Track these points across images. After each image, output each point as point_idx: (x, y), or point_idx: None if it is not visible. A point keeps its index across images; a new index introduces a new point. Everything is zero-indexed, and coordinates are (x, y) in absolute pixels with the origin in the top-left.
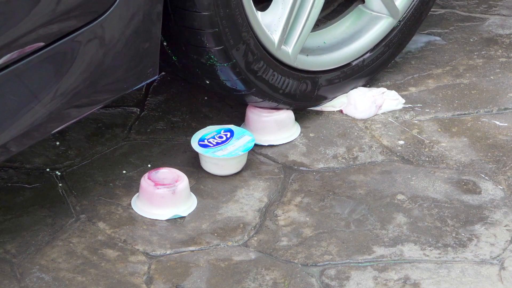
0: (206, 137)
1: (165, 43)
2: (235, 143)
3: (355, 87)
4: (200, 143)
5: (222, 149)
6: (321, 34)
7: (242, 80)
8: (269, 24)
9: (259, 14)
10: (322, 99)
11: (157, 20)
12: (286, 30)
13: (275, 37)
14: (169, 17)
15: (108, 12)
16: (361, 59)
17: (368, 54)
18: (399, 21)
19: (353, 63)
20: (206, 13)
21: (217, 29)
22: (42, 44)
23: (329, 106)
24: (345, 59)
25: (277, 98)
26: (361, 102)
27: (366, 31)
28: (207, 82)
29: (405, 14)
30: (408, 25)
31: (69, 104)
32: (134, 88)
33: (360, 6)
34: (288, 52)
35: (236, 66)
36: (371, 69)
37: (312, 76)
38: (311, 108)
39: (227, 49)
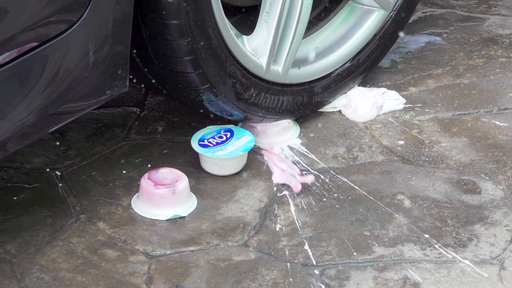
0: (206, 137)
1: (153, 81)
2: (235, 143)
3: (353, 87)
4: (200, 143)
5: (222, 149)
6: (313, 39)
7: (234, 109)
8: (256, 48)
9: (244, 39)
10: (322, 104)
11: (126, 32)
12: (273, 52)
13: (263, 61)
14: (154, 61)
15: (74, 27)
16: (356, 58)
17: (363, 51)
18: (391, 11)
19: (349, 64)
20: (188, 58)
21: (200, 71)
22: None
23: (329, 108)
24: (340, 61)
25: (274, 116)
26: (361, 106)
27: (359, 27)
28: (201, 111)
29: (397, 4)
30: (401, 14)
31: (35, 120)
32: (102, 102)
33: (350, 1)
34: (278, 71)
35: (226, 99)
36: (367, 65)
37: (307, 87)
38: None
39: (214, 86)
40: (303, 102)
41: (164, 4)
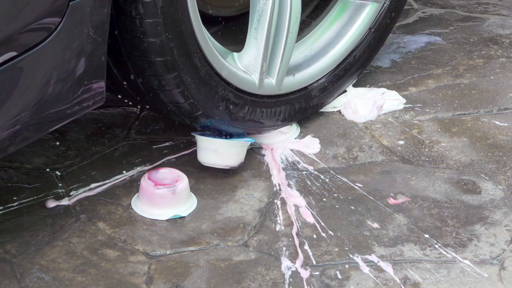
0: (206, 135)
1: (147, 107)
2: (234, 138)
3: (350, 84)
4: (200, 132)
5: (222, 138)
6: (306, 41)
7: (231, 128)
8: (247, 65)
9: (235, 56)
10: (320, 106)
11: (102, 46)
12: (265, 67)
13: (255, 77)
14: (145, 93)
15: (48, 40)
16: (352, 55)
17: (358, 47)
18: (384, 1)
19: (345, 62)
20: (178, 90)
21: (191, 100)
22: None
23: (329, 107)
24: (335, 61)
25: (273, 125)
26: (361, 106)
27: (353, 22)
28: (200, 129)
29: None
30: (394, 5)
31: (9, 134)
32: (79, 114)
33: None
34: (272, 84)
35: (221, 121)
36: (363, 60)
37: (303, 93)
38: None
39: (207, 112)
40: (301, 107)
41: (148, 43)
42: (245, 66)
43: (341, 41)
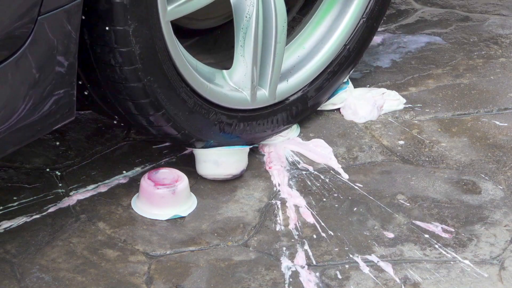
0: None
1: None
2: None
3: (346, 78)
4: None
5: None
6: (298, 40)
7: (232, 144)
8: (238, 82)
9: (225, 74)
10: (318, 105)
11: (71, 61)
12: (256, 82)
13: (247, 93)
14: (139, 127)
15: (16, 55)
16: (346, 48)
17: (352, 39)
18: None
19: (340, 57)
20: (169, 124)
21: (183, 131)
22: None
23: (329, 105)
24: (330, 57)
25: (273, 132)
26: (361, 107)
27: (344, 13)
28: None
29: None
30: None
31: None
32: (49, 131)
33: None
34: (265, 95)
35: (219, 143)
36: (356, 52)
37: (299, 96)
38: None
39: (201, 138)
40: (299, 111)
41: (131, 88)
42: (236, 83)
43: (334, 35)
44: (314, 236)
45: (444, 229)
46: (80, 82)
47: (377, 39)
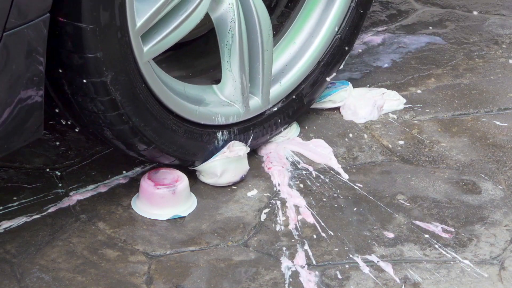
0: None
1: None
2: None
3: (339, 68)
4: None
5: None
6: (288, 36)
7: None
8: (229, 96)
9: (215, 89)
10: (314, 100)
11: (39, 79)
12: (246, 94)
13: (239, 106)
14: (132, 153)
15: None
16: (337, 37)
17: (342, 27)
18: None
19: (331, 48)
20: (164, 153)
21: (180, 157)
22: None
23: (329, 102)
24: (322, 50)
25: (272, 135)
26: (361, 108)
27: (333, 2)
28: None
29: None
30: None
31: None
32: (16, 148)
33: None
34: (259, 102)
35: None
36: (348, 40)
37: (294, 97)
38: (312, 107)
39: (201, 157)
40: (295, 109)
41: (118, 131)
42: (227, 97)
43: (325, 25)
44: (314, 236)
45: (444, 229)
46: (69, 122)
47: (377, 39)
